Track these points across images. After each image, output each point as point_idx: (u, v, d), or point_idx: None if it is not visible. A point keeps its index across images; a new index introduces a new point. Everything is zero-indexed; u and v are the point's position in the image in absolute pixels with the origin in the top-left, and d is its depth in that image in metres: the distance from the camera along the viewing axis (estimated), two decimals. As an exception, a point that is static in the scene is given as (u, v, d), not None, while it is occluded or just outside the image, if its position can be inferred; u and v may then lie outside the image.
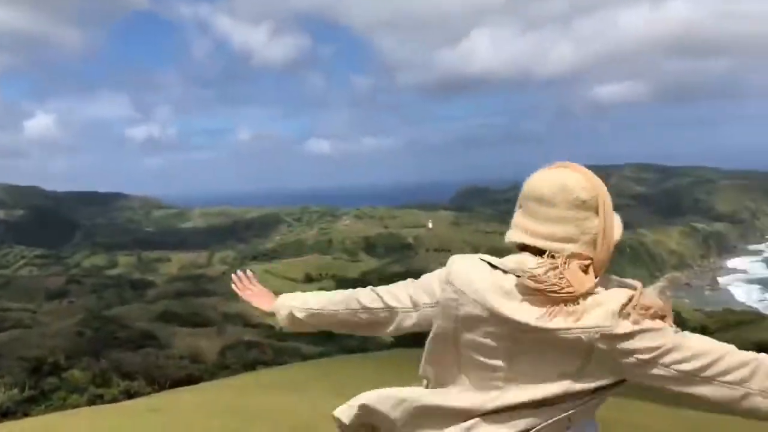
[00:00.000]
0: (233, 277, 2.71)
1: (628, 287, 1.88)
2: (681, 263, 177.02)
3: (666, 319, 1.79)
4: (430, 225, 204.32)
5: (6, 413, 16.29)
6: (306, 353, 58.78)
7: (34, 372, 18.75)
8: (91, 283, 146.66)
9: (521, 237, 2.01)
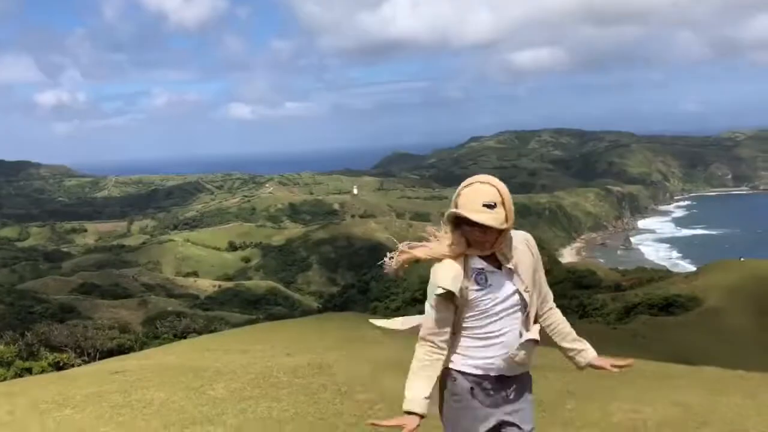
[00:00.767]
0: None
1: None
2: (597, 224, 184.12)
3: None
4: (355, 191, 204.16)
5: None
6: (235, 322, 57.94)
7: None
8: (2, 256, 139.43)
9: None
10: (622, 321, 44.20)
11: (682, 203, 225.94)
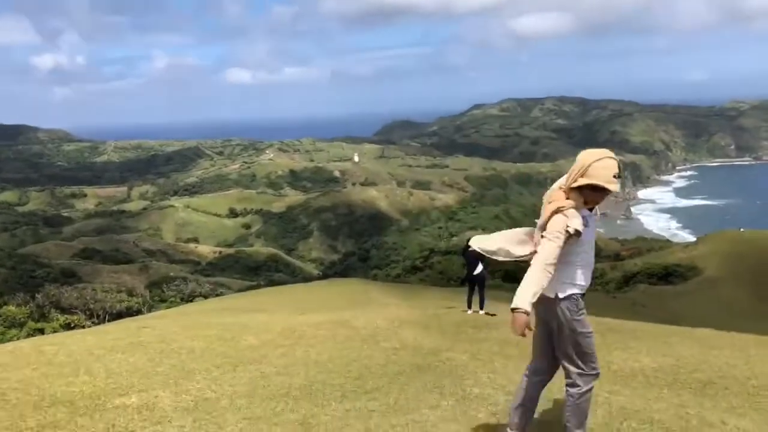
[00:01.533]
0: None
1: None
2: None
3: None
4: (356, 158, 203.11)
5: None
6: (237, 288, 58.11)
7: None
8: (2, 221, 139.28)
9: None
10: (621, 290, 44.22)
11: (684, 173, 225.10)
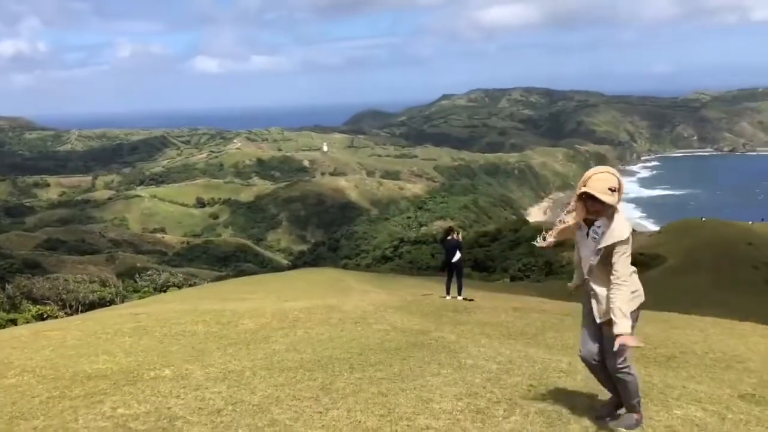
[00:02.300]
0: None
1: None
2: (565, 184, 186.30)
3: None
4: (325, 148, 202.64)
5: None
6: (205, 278, 57.99)
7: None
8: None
9: None
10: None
11: (648, 164, 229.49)
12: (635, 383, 4.14)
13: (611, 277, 4.11)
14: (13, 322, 19.43)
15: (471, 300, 12.52)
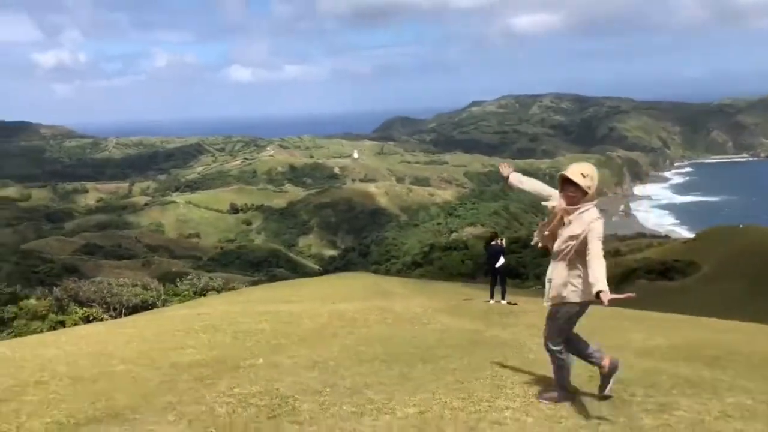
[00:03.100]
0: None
1: None
2: (596, 190, 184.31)
3: None
4: (355, 155, 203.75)
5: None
6: (240, 282, 59.02)
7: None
8: (5, 216, 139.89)
9: None
10: (620, 286, 45.12)
11: (681, 170, 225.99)
12: (566, 368, 4.52)
13: (591, 254, 4.40)
14: (62, 323, 20.26)
15: (515, 304, 12.88)
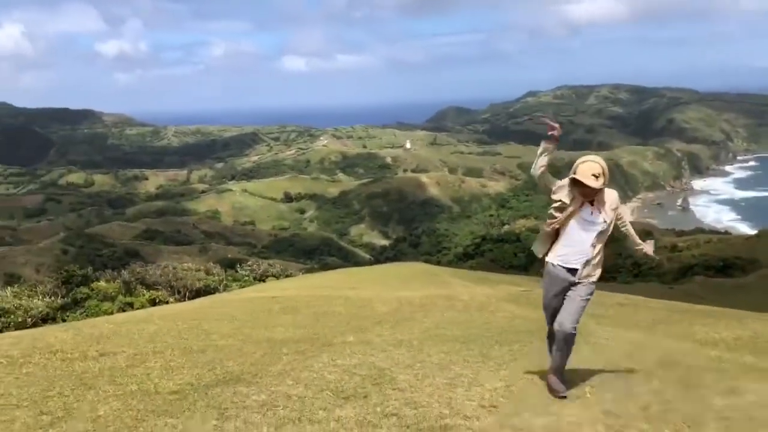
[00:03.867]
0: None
1: None
2: (654, 184, 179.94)
3: None
4: (408, 145, 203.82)
5: (45, 319, 16.97)
6: (294, 269, 60.21)
7: (64, 283, 19.35)
8: (70, 202, 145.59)
9: None
10: (677, 281, 44.30)
11: (745, 164, 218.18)
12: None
13: (625, 227, 5.13)
14: (131, 305, 21.34)
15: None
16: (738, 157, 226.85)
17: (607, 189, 4.90)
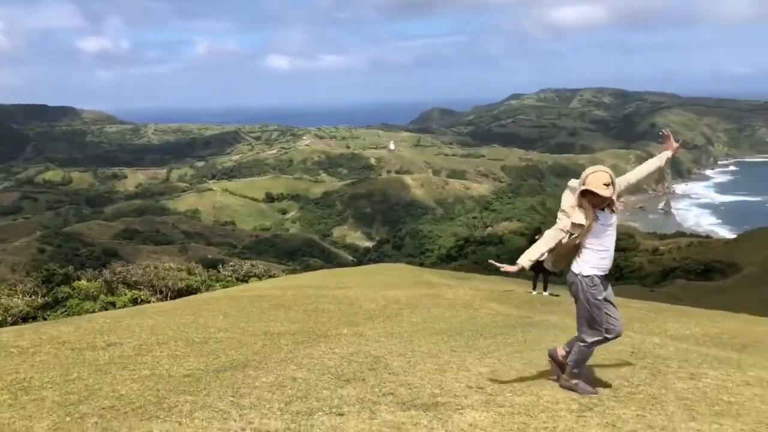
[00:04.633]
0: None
1: None
2: (637, 187, 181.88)
3: None
4: (392, 146, 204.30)
5: (26, 318, 17.11)
6: (278, 269, 60.39)
7: (45, 282, 19.47)
8: (48, 200, 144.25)
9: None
10: (659, 284, 45.10)
11: (725, 168, 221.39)
12: None
13: (634, 179, 5.33)
14: (113, 304, 21.49)
15: (557, 295, 13.59)
16: (719, 162, 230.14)
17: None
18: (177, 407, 4.18)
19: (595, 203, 4.84)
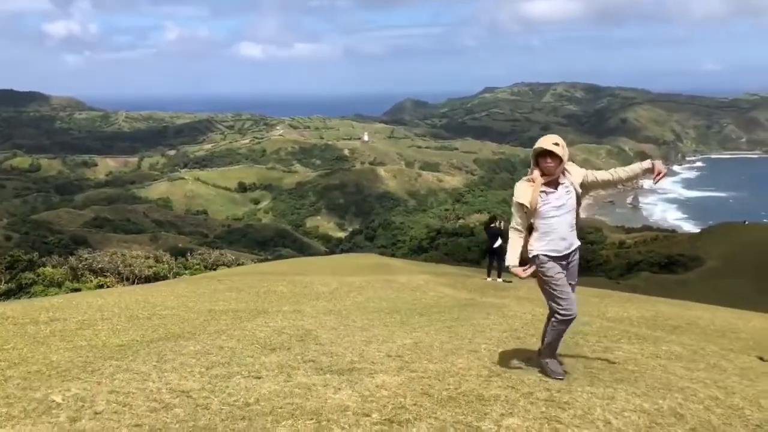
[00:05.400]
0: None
1: None
2: (606, 187, 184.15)
3: None
4: (365, 137, 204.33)
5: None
6: (249, 258, 60.23)
7: (8, 268, 19.35)
8: (15, 187, 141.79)
9: None
10: (623, 277, 46.01)
11: (693, 164, 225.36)
12: None
13: (610, 176, 5.14)
14: (78, 290, 21.44)
15: (510, 282, 13.97)
16: (687, 158, 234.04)
17: (572, 167, 4.94)
18: (100, 370, 4.33)
19: (548, 171, 4.72)
